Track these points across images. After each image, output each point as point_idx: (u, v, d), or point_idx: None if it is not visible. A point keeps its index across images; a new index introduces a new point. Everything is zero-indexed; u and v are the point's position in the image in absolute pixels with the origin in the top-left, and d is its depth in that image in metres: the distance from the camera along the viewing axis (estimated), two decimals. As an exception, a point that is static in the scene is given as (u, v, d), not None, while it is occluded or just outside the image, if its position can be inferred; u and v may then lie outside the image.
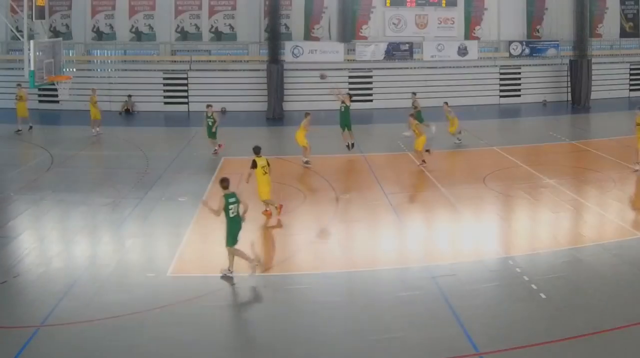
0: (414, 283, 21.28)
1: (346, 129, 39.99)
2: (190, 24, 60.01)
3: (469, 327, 17.98)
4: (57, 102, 53.53)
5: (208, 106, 40.93)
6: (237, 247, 21.86)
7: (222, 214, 21.76)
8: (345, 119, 40.24)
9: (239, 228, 21.96)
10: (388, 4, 60.34)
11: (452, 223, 27.94)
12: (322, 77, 44.96)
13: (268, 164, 27.96)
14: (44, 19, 42.25)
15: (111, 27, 59.73)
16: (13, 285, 21.21)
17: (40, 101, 56.90)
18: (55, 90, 45.60)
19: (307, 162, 36.69)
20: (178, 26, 59.98)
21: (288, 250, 24.89)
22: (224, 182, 22.32)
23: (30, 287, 21.14)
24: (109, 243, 25.41)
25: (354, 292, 21.12)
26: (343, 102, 40.43)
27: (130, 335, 18.02)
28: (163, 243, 25.93)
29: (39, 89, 50.62)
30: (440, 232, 27.28)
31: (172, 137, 46.57)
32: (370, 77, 60.29)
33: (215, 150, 39.74)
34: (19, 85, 46.88)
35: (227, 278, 21.86)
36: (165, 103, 58.54)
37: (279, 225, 27.65)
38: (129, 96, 57.30)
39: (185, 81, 58.71)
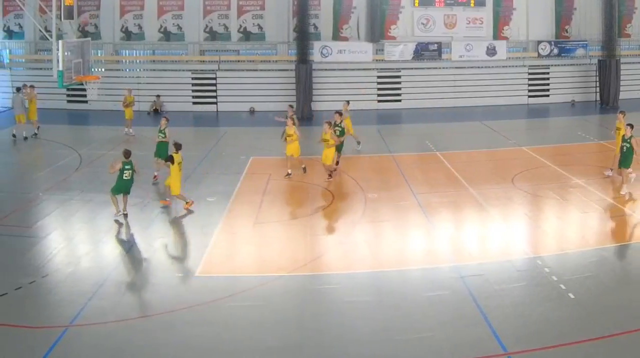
0: (442, 283, 21.31)
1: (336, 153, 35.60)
2: (219, 24, 60.22)
3: (497, 327, 17.99)
4: (86, 102, 53.93)
5: (164, 118, 35.48)
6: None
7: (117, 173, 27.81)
8: (341, 144, 35.82)
9: (124, 186, 27.96)
10: (417, 4, 60.24)
11: (480, 223, 27.91)
12: None
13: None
14: (72, 19, 42.43)
15: (140, 27, 60.06)
16: (42, 285, 21.30)
17: (68, 101, 57.51)
18: (84, 90, 45.88)
19: (288, 174, 34.60)
20: (207, 26, 60.22)
21: (317, 250, 24.88)
22: (127, 153, 28.11)
23: (59, 287, 21.23)
24: (137, 243, 25.54)
25: (382, 291, 21.12)
26: (338, 124, 36.24)
27: (159, 335, 18.13)
28: (191, 243, 26.02)
29: (68, 89, 50.93)
30: (468, 231, 27.24)
31: (200, 137, 46.61)
32: (399, 77, 60.22)
33: (155, 175, 33.96)
34: (31, 87, 46.97)
35: (119, 220, 27.44)
36: (194, 103, 58.78)
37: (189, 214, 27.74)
38: (158, 96, 57.58)
39: (213, 81, 58.92)
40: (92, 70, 43.45)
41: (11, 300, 20.05)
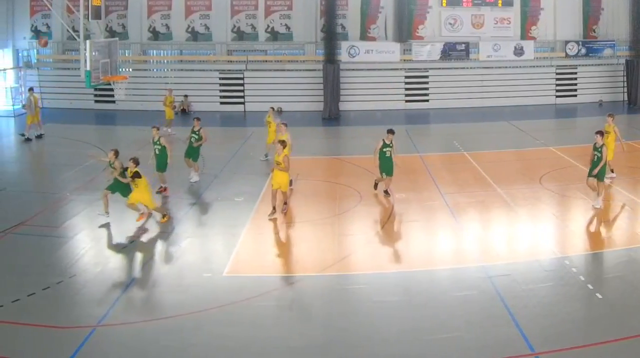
0: (470, 283, 21.28)
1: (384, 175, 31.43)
2: (247, 24, 60.45)
3: (525, 327, 17.95)
4: (114, 102, 54.10)
5: (154, 127, 32.83)
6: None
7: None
8: (390, 164, 31.36)
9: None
10: (444, 4, 60.31)
11: (508, 223, 27.88)
12: None
13: None
14: (100, 19, 42.68)
15: (167, 27, 60.43)
16: (70, 285, 21.40)
17: (96, 101, 57.87)
18: (111, 90, 46.04)
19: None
20: (234, 26, 60.47)
21: (345, 250, 24.88)
22: (116, 153, 27.80)
23: (86, 287, 21.29)
24: (165, 243, 25.64)
25: (410, 291, 21.11)
26: (389, 144, 31.12)
27: (187, 335, 18.16)
28: (219, 243, 26.03)
29: (95, 89, 51.26)
30: (496, 231, 27.23)
31: (228, 137, 46.68)
32: (427, 77, 60.30)
33: (164, 187, 31.89)
34: (30, 89, 47.05)
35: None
36: (222, 103, 59.07)
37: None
38: (185, 96, 57.81)
39: (241, 81, 59.17)
40: (120, 70, 43.74)
41: (39, 300, 20.14)
